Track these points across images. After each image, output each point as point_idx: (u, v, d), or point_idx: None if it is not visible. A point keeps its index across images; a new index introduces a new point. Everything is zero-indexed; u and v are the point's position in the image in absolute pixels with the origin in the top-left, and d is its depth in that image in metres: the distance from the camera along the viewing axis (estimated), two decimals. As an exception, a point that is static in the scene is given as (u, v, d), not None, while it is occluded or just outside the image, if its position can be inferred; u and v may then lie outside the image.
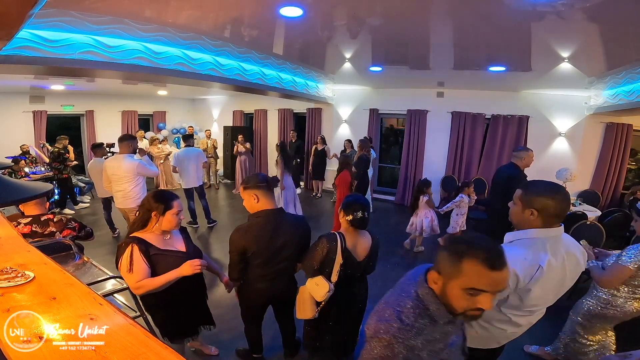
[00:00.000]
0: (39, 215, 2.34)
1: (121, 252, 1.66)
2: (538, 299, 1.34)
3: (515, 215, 1.40)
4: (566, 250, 1.35)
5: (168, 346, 0.81)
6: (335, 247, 1.93)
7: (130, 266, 1.60)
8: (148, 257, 1.66)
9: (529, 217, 1.31)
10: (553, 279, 1.31)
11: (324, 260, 1.94)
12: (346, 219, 1.97)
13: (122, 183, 3.67)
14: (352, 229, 1.99)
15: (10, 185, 0.98)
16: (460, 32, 3.51)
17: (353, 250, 1.98)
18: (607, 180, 5.89)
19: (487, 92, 6.34)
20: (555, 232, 1.32)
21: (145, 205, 1.76)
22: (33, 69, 3.29)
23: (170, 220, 1.77)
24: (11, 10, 1.17)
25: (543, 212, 1.28)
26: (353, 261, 1.98)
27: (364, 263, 2.04)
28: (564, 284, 1.39)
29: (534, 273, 1.26)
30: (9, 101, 7.47)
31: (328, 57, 5.26)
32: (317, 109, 7.97)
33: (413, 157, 7.04)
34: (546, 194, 1.29)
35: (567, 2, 2.42)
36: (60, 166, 5.79)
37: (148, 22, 3.46)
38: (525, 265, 1.26)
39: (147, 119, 10.20)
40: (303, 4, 2.87)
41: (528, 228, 1.34)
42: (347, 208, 1.98)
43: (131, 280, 1.62)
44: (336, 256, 1.93)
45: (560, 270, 1.33)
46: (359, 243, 2.02)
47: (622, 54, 3.84)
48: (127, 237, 1.72)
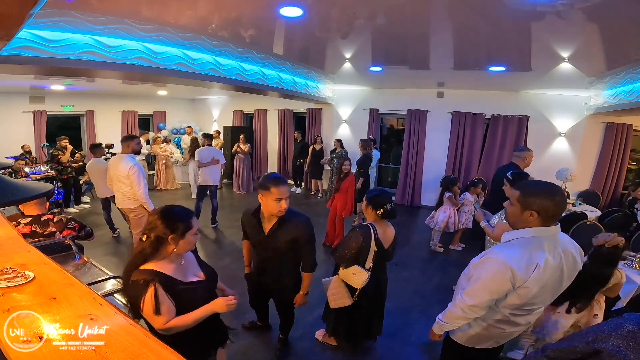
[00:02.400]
0: (39, 215, 2.34)
1: (139, 292, 1.33)
2: (536, 298, 1.35)
3: (512, 216, 1.41)
4: (563, 248, 1.36)
5: (168, 346, 0.81)
6: (370, 237, 2.12)
7: (157, 309, 1.32)
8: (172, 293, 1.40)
9: (528, 219, 1.32)
10: (551, 278, 1.32)
11: (359, 250, 2.12)
12: (377, 213, 2.16)
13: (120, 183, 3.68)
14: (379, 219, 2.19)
15: (10, 185, 0.98)
16: (460, 32, 3.51)
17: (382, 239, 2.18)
18: (607, 180, 5.89)
19: (487, 92, 6.34)
20: (552, 231, 1.33)
21: (156, 228, 1.39)
22: (33, 69, 3.30)
23: (190, 241, 1.47)
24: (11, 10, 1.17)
25: (542, 213, 1.29)
26: (382, 249, 2.18)
27: (389, 250, 2.26)
28: (562, 283, 1.39)
29: (532, 271, 1.27)
30: (9, 101, 7.48)
31: (328, 57, 5.26)
32: (317, 109, 7.97)
33: (413, 157, 7.05)
34: (545, 195, 1.30)
35: (567, 2, 2.42)
36: (59, 167, 5.78)
37: (148, 22, 3.46)
38: (523, 264, 1.28)
39: (147, 119, 10.21)
40: (303, 4, 2.87)
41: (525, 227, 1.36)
42: (376, 203, 2.17)
43: (159, 323, 1.36)
44: (370, 245, 2.12)
45: (558, 268, 1.33)
46: (386, 232, 2.23)
47: (622, 54, 3.85)
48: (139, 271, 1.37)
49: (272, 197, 1.91)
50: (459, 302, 1.43)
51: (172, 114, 10.30)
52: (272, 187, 1.90)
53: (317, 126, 8.08)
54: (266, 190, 1.92)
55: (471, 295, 1.39)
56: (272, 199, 1.91)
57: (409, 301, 3.34)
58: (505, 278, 1.28)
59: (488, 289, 1.35)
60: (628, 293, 2.57)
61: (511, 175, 2.65)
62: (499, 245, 1.45)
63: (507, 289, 1.32)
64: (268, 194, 1.92)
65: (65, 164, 5.82)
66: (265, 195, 1.93)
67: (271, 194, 1.91)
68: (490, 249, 1.47)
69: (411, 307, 3.24)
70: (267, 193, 1.92)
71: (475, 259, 1.46)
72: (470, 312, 1.41)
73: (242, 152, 7.56)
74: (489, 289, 1.34)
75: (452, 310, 1.48)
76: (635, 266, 2.77)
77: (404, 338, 2.77)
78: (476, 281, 1.38)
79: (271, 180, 1.93)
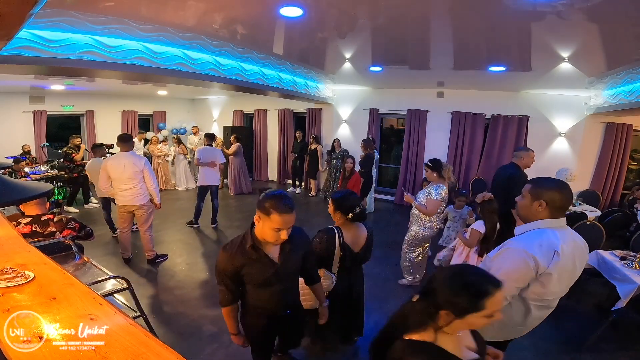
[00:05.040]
0: (39, 215, 2.34)
1: None
2: (555, 286, 1.38)
3: (523, 208, 1.47)
4: (573, 239, 1.43)
5: (168, 346, 0.81)
6: (334, 241, 2.00)
7: None
8: None
9: (537, 209, 1.40)
10: (567, 266, 1.37)
11: (323, 254, 2.01)
12: (346, 217, 2.02)
13: (131, 180, 3.67)
14: (348, 222, 2.04)
15: (10, 185, 0.98)
16: (460, 32, 3.50)
17: (351, 243, 2.05)
18: (607, 180, 5.89)
19: (487, 92, 6.34)
20: (562, 222, 1.42)
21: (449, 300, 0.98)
22: (33, 69, 3.30)
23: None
24: (11, 10, 1.17)
25: (550, 204, 1.37)
26: (351, 253, 2.05)
27: (361, 254, 2.13)
28: (575, 272, 1.44)
29: (551, 257, 1.32)
30: (9, 101, 7.48)
31: (328, 57, 5.26)
32: (317, 109, 7.97)
33: (413, 157, 7.04)
34: (555, 187, 1.39)
35: (567, 2, 2.42)
36: (71, 165, 5.91)
37: (148, 22, 3.46)
38: (543, 251, 1.32)
39: (147, 119, 10.21)
40: (303, 4, 2.87)
41: (535, 220, 1.42)
42: (345, 207, 2.02)
43: None
44: (335, 250, 2.00)
45: (571, 257, 1.39)
46: (356, 235, 2.08)
47: (622, 54, 3.84)
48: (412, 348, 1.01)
49: (270, 225, 1.43)
50: None
51: (172, 114, 10.30)
52: (273, 214, 1.41)
53: (317, 126, 8.08)
54: (265, 215, 1.43)
55: None
56: (270, 227, 1.43)
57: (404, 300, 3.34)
58: (528, 265, 1.32)
59: (512, 277, 1.34)
60: (628, 293, 2.57)
61: (430, 162, 3.19)
62: (513, 238, 1.48)
63: (531, 277, 1.35)
64: (267, 219, 1.43)
65: (77, 163, 5.93)
66: (264, 220, 1.44)
67: (270, 222, 1.42)
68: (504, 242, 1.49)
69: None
70: (265, 218, 1.43)
71: (491, 253, 1.50)
72: None
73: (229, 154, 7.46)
74: (513, 278, 1.34)
75: None
76: (635, 266, 2.77)
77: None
78: (497, 272, 1.32)
79: (275, 204, 1.42)
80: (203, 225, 5.35)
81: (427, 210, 3.09)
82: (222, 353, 2.54)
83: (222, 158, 5.48)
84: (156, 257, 4.04)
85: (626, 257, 2.92)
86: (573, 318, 3.07)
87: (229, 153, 7.43)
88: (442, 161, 3.20)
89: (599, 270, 3.02)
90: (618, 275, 2.76)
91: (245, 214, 6.16)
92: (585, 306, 3.34)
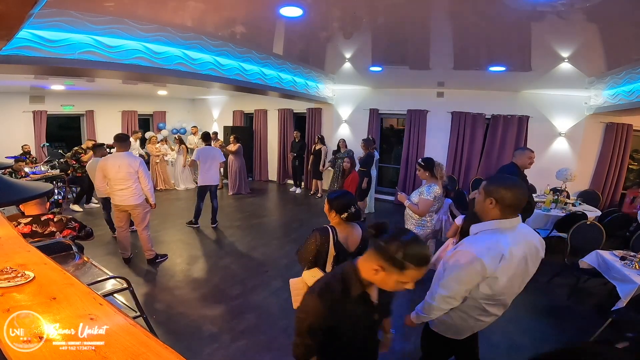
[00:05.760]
0: (39, 215, 2.34)
1: None
2: (505, 288, 1.42)
3: (478, 204, 1.51)
4: (525, 239, 1.46)
5: (168, 346, 0.81)
6: (328, 240, 2.01)
7: None
8: None
9: (489, 206, 1.43)
10: (517, 267, 1.41)
11: (317, 253, 2.03)
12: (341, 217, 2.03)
13: (126, 180, 3.69)
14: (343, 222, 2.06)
15: (10, 185, 0.98)
16: (460, 32, 3.51)
17: (345, 243, 2.06)
18: (607, 180, 5.89)
19: (487, 92, 6.35)
20: (513, 223, 1.44)
21: None
22: (33, 69, 3.30)
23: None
24: (11, 10, 1.17)
25: (500, 202, 1.40)
26: (345, 252, 2.05)
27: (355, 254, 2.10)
28: (527, 272, 1.48)
29: (498, 262, 1.36)
30: (9, 101, 7.48)
31: (328, 57, 5.26)
32: (317, 109, 7.97)
33: (413, 157, 7.04)
34: (505, 186, 1.42)
35: (567, 2, 2.42)
36: (76, 164, 6.02)
37: (148, 22, 3.46)
38: (490, 255, 1.36)
39: (147, 119, 10.21)
40: (303, 4, 2.87)
41: (488, 217, 1.46)
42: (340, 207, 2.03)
43: None
44: (329, 249, 2.01)
45: (523, 258, 1.43)
46: (351, 235, 2.09)
47: (622, 54, 3.85)
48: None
49: (400, 279, 1.10)
50: (435, 294, 1.51)
51: (172, 114, 10.30)
52: (411, 270, 1.07)
53: (317, 126, 8.08)
54: (397, 269, 1.08)
55: (446, 286, 1.46)
56: (398, 280, 1.10)
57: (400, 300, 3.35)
58: (476, 269, 1.36)
59: (460, 280, 1.42)
60: (628, 293, 2.57)
61: (422, 161, 3.19)
62: (467, 238, 1.54)
63: (478, 280, 1.40)
64: (397, 274, 1.09)
65: (83, 163, 6.00)
66: (390, 273, 1.10)
67: (403, 277, 1.09)
68: (461, 241, 1.56)
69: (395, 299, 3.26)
70: (395, 272, 1.09)
71: (449, 252, 1.54)
72: (446, 303, 1.48)
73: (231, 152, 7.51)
74: (461, 280, 1.42)
75: (429, 302, 1.55)
76: (635, 266, 2.77)
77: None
78: (450, 273, 1.45)
79: (414, 257, 1.07)
80: (203, 225, 5.35)
81: (419, 210, 3.11)
82: (222, 353, 2.54)
83: (221, 157, 5.49)
84: (156, 257, 4.04)
85: (626, 257, 2.92)
86: (573, 318, 3.06)
87: (231, 150, 7.45)
88: (434, 160, 3.21)
89: (599, 270, 3.01)
90: (618, 275, 2.76)
91: (245, 214, 6.15)
92: (585, 306, 3.33)
